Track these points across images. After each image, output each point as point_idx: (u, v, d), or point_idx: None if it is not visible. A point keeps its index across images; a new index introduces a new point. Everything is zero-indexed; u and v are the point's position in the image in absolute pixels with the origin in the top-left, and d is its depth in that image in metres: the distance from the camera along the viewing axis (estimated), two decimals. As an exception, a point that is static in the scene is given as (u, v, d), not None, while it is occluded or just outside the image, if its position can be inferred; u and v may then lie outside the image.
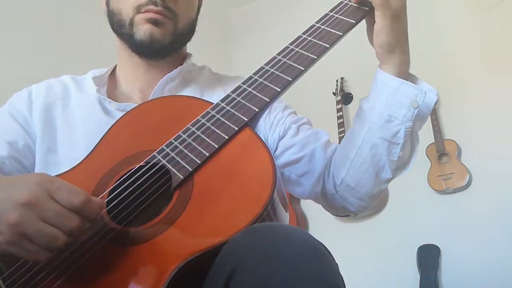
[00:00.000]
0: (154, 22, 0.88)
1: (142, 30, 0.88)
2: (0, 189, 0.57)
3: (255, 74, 0.76)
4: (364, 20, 0.81)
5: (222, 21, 3.13)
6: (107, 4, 0.93)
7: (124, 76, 0.97)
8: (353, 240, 2.44)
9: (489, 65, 2.42)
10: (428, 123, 2.47)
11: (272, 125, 0.95)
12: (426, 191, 2.41)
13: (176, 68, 0.95)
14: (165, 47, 0.91)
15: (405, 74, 0.80)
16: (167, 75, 0.93)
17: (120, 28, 0.91)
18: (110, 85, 0.96)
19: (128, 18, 0.89)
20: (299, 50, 0.76)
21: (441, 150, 2.42)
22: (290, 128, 0.94)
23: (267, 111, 0.93)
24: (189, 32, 0.96)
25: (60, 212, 0.55)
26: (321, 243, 0.56)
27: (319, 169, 0.90)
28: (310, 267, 0.51)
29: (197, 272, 0.56)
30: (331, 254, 0.57)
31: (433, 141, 2.44)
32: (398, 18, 0.77)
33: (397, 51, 0.78)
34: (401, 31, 0.78)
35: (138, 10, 0.88)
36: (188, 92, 0.95)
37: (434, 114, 2.48)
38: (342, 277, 0.55)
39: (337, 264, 0.58)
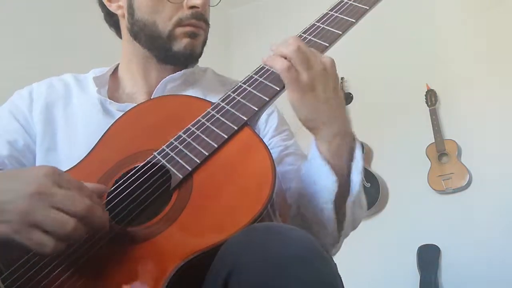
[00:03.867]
0: (192, 35, 0.89)
1: (182, 43, 0.89)
2: (9, 179, 0.58)
3: (255, 73, 0.76)
4: (365, 18, 0.80)
5: (222, 22, 3.12)
6: (131, 13, 0.91)
7: (130, 78, 0.96)
8: (352, 240, 2.43)
9: (489, 65, 2.42)
10: (428, 123, 2.47)
11: (263, 138, 0.90)
12: (426, 191, 2.41)
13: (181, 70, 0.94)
14: (197, 57, 0.93)
15: (337, 146, 0.73)
16: (170, 75, 0.92)
17: (153, 39, 0.90)
18: (112, 85, 0.96)
19: (167, 31, 0.88)
20: None
21: (441, 150, 2.42)
22: (273, 154, 0.87)
23: (266, 117, 0.92)
24: None
25: (69, 195, 0.56)
26: (320, 243, 0.56)
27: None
28: (308, 266, 0.51)
29: (196, 271, 0.56)
30: (330, 254, 0.57)
31: (433, 141, 2.44)
32: (312, 91, 0.69)
33: (321, 125, 0.72)
34: (318, 104, 0.70)
35: (179, 23, 0.88)
36: (189, 94, 0.94)
37: (434, 114, 2.48)
38: (340, 277, 0.55)
39: (335, 264, 0.58)
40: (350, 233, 0.81)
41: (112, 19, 0.97)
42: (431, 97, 2.51)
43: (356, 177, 0.73)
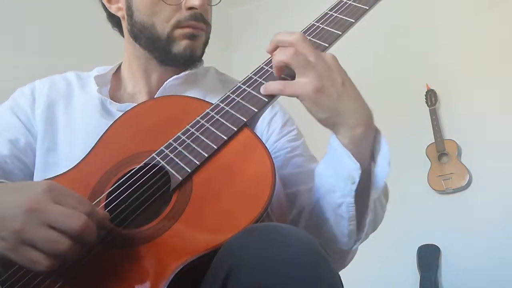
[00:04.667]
0: (192, 37, 0.88)
1: (182, 45, 0.87)
2: (8, 194, 0.58)
3: (254, 74, 0.75)
4: (365, 18, 0.80)
5: (222, 22, 3.12)
6: (130, 15, 0.90)
7: (132, 77, 0.95)
8: (353, 240, 2.43)
9: (490, 65, 2.42)
10: (428, 123, 2.47)
11: (266, 141, 0.89)
12: (426, 191, 2.41)
13: (185, 70, 0.93)
14: (197, 58, 0.92)
15: (359, 136, 0.69)
16: (174, 77, 0.91)
17: (153, 41, 0.88)
18: (114, 84, 0.95)
19: (165, 33, 0.87)
20: None
21: (441, 150, 2.42)
22: (279, 156, 0.87)
23: (269, 120, 0.91)
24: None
25: (65, 213, 0.55)
26: (319, 242, 0.56)
27: (296, 212, 0.81)
28: (308, 266, 0.51)
29: (196, 272, 0.56)
30: (330, 254, 0.57)
31: (433, 141, 2.44)
32: (323, 93, 0.67)
33: (340, 120, 0.68)
34: (333, 101, 0.67)
35: (178, 25, 0.87)
36: (190, 94, 0.93)
37: (434, 114, 2.48)
38: (340, 277, 0.55)
39: (335, 264, 0.57)
40: (370, 235, 0.77)
41: (114, 20, 0.97)
42: (431, 97, 2.51)
43: (382, 169, 0.70)
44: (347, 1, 0.80)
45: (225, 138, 0.67)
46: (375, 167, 0.71)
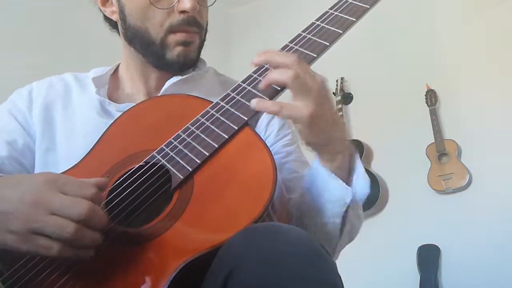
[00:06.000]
0: (185, 44, 0.87)
1: (175, 52, 0.86)
2: (10, 187, 0.59)
3: (254, 72, 0.75)
4: (365, 18, 0.80)
5: (222, 22, 3.12)
6: (123, 19, 0.89)
7: (130, 79, 0.95)
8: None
9: (490, 65, 2.41)
10: (428, 123, 2.47)
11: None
12: (426, 191, 2.41)
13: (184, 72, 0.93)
14: (192, 63, 0.91)
15: (340, 161, 0.71)
16: (176, 78, 0.91)
17: (147, 46, 0.87)
18: (113, 84, 0.95)
19: (159, 38, 0.85)
20: (299, 48, 0.75)
21: (441, 150, 2.42)
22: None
23: (266, 123, 0.91)
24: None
25: (67, 200, 0.56)
26: (319, 242, 0.56)
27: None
28: (308, 266, 0.51)
29: (196, 271, 0.56)
30: (330, 254, 0.57)
31: (433, 141, 2.44)
32: (319, 118, 0.66)
33: (328, 146, 0.70)
34: (327, 126, 0.68)
35: (170, 29, 0.85)
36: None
37: (434, 114, 2.48)
38: (340, 277, 0.55)
39: (335, 263, 0.58)
40: (346, 246, 0.80)
41: (111, 22, 0.96)
42: (431, 97, 2.51)
43: (361, 187, 0.72)
44: (348, 0, 0.80)
45: (226, 136, 0.67)
46: (351, 185, 0.72)
